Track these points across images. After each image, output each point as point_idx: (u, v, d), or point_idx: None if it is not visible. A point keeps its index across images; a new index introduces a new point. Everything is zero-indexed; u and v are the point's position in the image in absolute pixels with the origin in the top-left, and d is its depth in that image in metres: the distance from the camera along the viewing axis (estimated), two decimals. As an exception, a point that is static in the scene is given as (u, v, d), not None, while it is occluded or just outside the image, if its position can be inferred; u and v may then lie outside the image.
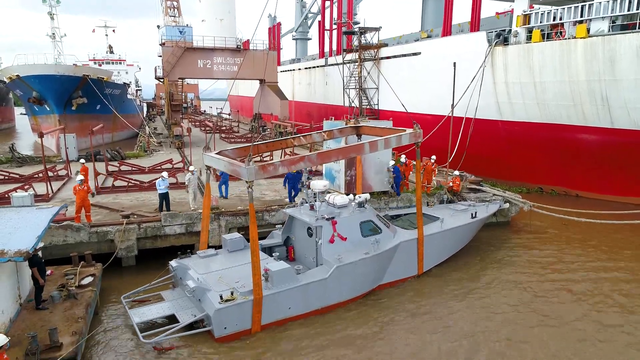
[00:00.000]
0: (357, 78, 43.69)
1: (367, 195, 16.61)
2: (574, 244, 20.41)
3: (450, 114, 26.83)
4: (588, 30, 24.73)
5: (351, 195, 16.95)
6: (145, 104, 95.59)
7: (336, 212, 15.18)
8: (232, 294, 12.38)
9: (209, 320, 12.21)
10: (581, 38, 24.58)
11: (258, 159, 25.62)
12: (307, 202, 16.00)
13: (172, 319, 12.93)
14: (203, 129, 58.88)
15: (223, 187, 21.53)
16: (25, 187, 21.14)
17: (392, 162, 21.61)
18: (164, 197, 19.01)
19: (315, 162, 14.23)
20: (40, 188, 21.96)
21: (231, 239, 15.87)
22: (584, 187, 28.42)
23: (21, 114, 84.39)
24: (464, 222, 18.55)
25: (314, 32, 79.87)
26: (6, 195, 20.26)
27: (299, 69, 64.78)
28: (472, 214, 19.11)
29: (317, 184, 15.63)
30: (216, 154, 14.82)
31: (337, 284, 13.96)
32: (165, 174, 19.50)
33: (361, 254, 14.59)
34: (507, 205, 22.40)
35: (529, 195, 28.45)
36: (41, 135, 21.20)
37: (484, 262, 18.39)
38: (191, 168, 19.79)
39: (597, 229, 21.21)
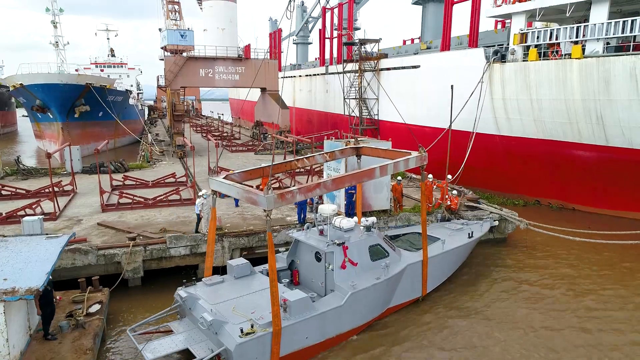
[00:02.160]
0: (357, 88, 44.14)
1: (374, 219, 16.60)
2: (570, 262, 20.88)
3: (448, 128, 27.40)
4: (583, 50, 25.22)
5: (355, 218, 17.08)
6: (146, 108, 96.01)
7: (345, 236, 15.15)
8: (252, 326, 12.14)
9: (228, 355, 11.81)
10: (576, 58, 25.05)
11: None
12: (314, 226, 16.06)
13: (183, 353, 12.78)
14: (205, 135, 59.41)
15: None
16: (33, 206, 21.60)
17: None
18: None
19: (330, 188, 14.21)
20: (47, 205, 22.49)
21: (237, 264, 15.60)
22: (580, 201, 28.93)
23: (23, 115, 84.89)
24: (463, 242, 18.91)
25: (314, 36, 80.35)
26: (14, 214, 20.80)
27: (300, 76, 65.23)
28: (469, 234, 19.52)
29: (326, 209, 15.49)
30: (223, 178, 14.63)
31: (352, 310, 14.00)
32: (204, 191, 19.61)
33: (373, 279, 14.65)
34: (497, 223, 22.82)
35: (527, 209, 29.02)
36: (48, 157, 21.67)
37: (483, 282, 18.81)
38: (202, 193, 19.97)
39: (592, 246, 21.70)
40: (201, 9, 52.88)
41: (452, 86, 24.79)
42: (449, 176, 24.44)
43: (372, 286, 14.49)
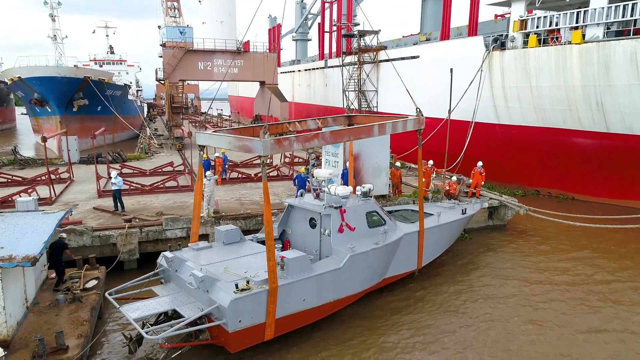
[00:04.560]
0: (356, 80, 44.02)
1: (371, 186, 16.33)
2: (569, 247, 20.75)
3: (448, 118, 27.28)
4: (583, 36, 25.09)
5: (350, 187, 16.51)
6: (145, 105, 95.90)
7: (342, 201, 14.69)
8: (247, 282, 11.47)
9: (221, 312, 11.09)
10: (576, 44, 24.92)
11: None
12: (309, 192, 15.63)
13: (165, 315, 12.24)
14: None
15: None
16: (29, 190, 21.45)
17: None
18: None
19: (328, 140, 13.89)
20: (43, 191, 22.35)
21: (226, 230, 14.85)
22: (579, 190, 28.77)
23: (22, 113, 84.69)
24: (458, 218, 18.77)
25: (314, 32, 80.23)
26: (9, 199, 20.63)
27: (299, 71, 65.11)
28: (462, 210, 19.34)
29: (322, 172, 15.19)
30: (213, 132, 14.17)
31: (350, 274, 13.56)
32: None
33: (371, 245, 14.27)
34: (487, 205, 22.73)
35: (526, 198, 28.81)
36: (44, 140, 21.54)
37: (480, 267, 18.70)
38: (208, 173, 19.78)
39: (592, 232, 21.60)
40: (200, 1, 52.80)
41: (451, 69, 24.63)
42: (453, 176, 24.19)
43: (371, 251, 14.09)
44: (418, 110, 16.16)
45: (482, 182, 23.72)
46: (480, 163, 23.58)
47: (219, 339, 11.63)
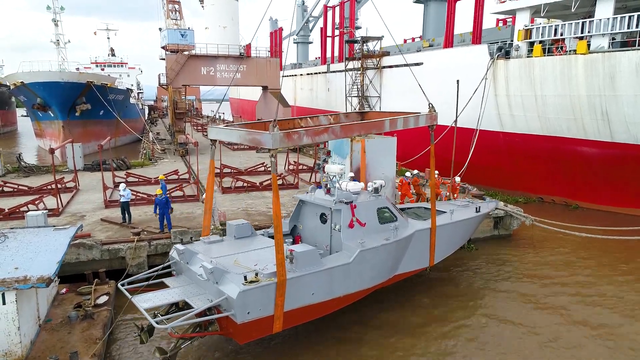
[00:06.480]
0: (359, 86, 44.09)
1: (382, 182, 16.18)
2: (576, 258, 20.78)
3: (454, 125, 27.36)
4: (588, 46, 25.18)
5: (362, 183, 16.50)
6: (146, 107, 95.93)
7: (353, 196, 14.59)
8: (256, 275, 11.53)
9: (229, 304, 11.11)
10: (582, 54, 25.01)
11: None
12: (319, 187, 15.58)
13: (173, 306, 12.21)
14: (205, 134, 59.26)
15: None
16: (36, 202, 21.49)
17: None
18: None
19: (338, 135, 13.75)
20: (49, 201, 22.40)
21: (237, 224, 14.93)
22: (583, 197, 28.85)
23: (23, 115, 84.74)
24: (472, 215, 18.51)
25: (315, 35, 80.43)
26: (17, 210, 20.69)
27: (301, 75, 65.17)
28: (476, 208, 18.98)
29: (333, 168, 15.01)
30: (225, 126, 14.01)
31: (360, 269, 13.51)
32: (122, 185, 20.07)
33: (382, 240, 14.24)
34: (502, 204, 22.77)
35: (529, 206, 28.85)
36: (52, 152, 21.58)
37: (486, 278, 18.76)
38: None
39: (598, 243, 21.62)
40: (203, 7, 52.84)
41: (457, 81, 24.71)
42: (457, 178, 24.35)
43: (382, 246, 14.04)
44: (431, 105, 15.90)
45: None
46: (408, 173, 23.72)
47: (228, 330, 11.66)
